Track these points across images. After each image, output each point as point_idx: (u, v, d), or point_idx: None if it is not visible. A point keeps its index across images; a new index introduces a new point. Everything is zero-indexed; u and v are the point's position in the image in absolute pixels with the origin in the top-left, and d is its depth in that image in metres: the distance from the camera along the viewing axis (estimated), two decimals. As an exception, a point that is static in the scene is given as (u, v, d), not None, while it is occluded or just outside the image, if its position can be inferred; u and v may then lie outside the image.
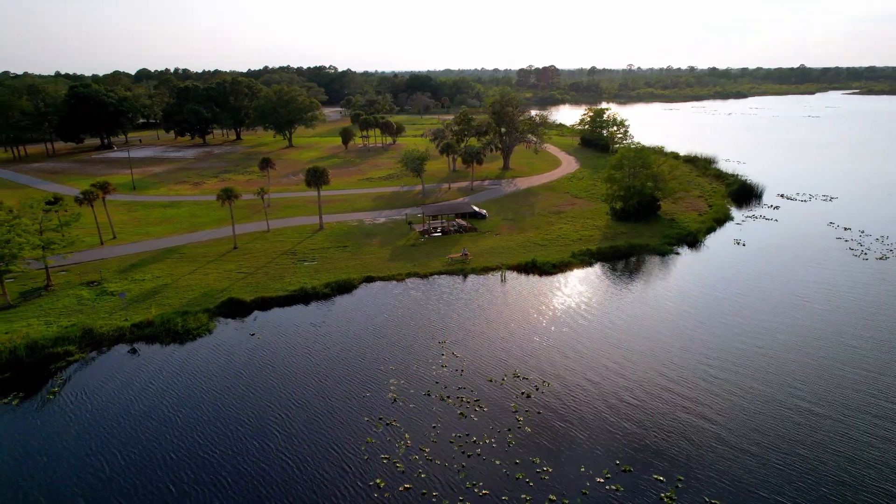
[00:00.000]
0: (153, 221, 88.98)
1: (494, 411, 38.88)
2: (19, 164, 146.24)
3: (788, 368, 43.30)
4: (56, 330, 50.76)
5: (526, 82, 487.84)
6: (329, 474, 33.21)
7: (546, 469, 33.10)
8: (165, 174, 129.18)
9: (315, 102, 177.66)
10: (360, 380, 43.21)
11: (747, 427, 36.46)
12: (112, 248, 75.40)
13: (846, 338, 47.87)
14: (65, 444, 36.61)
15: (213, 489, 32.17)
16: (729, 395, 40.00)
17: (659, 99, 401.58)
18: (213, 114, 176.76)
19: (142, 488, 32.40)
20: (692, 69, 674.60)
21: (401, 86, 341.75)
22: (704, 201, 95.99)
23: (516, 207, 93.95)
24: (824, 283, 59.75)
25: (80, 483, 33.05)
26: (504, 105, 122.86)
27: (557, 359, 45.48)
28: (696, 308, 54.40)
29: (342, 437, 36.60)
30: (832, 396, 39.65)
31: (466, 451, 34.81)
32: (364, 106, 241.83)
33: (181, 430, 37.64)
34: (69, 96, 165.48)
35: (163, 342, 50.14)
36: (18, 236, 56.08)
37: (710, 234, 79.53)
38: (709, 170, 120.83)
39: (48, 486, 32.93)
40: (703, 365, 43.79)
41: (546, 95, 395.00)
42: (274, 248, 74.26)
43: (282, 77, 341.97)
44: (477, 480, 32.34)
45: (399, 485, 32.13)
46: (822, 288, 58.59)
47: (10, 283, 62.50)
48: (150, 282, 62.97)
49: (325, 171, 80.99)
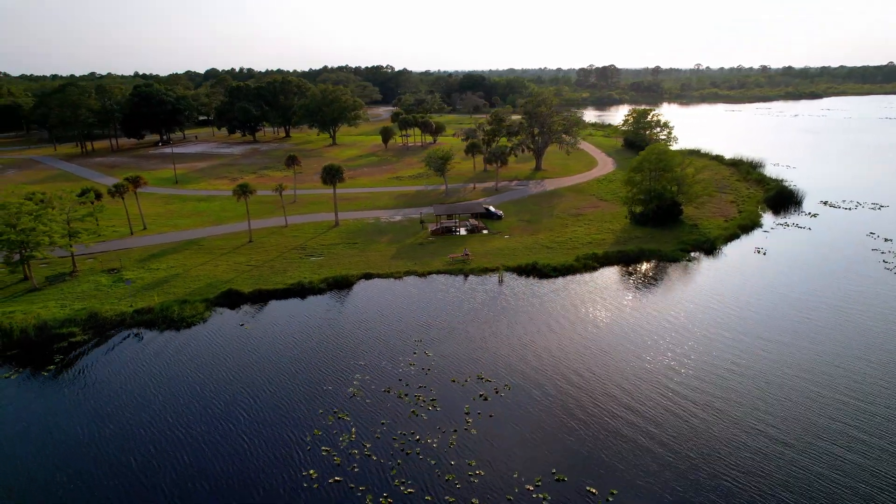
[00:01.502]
0: (185, 214, 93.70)
1: (447, 412, 38.90)
2: (85, 159, 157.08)
3: (754, 392, 40.78)
4: (66, 312, 54.60)
5: (585, 82, 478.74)
6: (268, 460, 34.33)
7: (478, 472, 32.90)
8: (209, 169, 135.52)
9: (359, 102, 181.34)
10: (328, 372, 44.22)
11: (695, 449, 34.83)
12: (139, 239, 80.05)
13: (833, 360, 44.70)
14: (50, 413, 39.50)
15: (167, 459, 33.92)
16: (685, 414, 38.21)
17: (723, 100, 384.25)
18: (262, 112, 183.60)
19: (111, 455, 34.57)
20: (765, 68, 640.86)
21: (454, 85, 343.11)
22: (736, 207, 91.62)
23: (535, 209, 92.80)
24: (836, 297, 55.90)
25: (62, 446, 35.63)
26: (536, 105, 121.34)
27: (524, 364, 44.89)
28: (679, 321, 52.06)
29: (293, 425, 37.68)
30: (796, 426, 37.24)
31: (406, 450, 35.06)
32: (413, 105, 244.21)
33: (157, 409, 39.94)
34: (133, 95, 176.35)
35: (159, 328, 52.97)
36: (43, 226, 60.53)
37: (733, 241, 75.86)
38: (751, 174, 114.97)
39: (35, 450, 35.66)
40: (664, 382, 41.90)
41: (604, 95, 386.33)
42: (287, 243, 76.70)
43: (338, 77, 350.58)
44: (406, 479, 32.56)
45: (330, 477, 32.81)
46: (831, 302, 54.85)
47: (43, 269, 67.60)
48: (164, 271, 66.51)
49: (341, 169, 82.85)
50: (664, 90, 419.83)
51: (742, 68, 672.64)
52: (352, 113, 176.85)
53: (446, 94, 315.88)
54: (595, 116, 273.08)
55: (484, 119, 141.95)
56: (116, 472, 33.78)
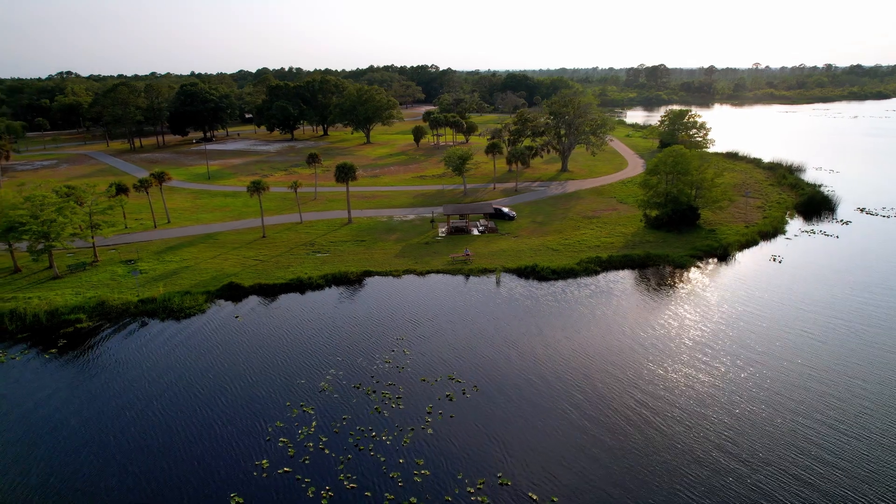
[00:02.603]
0: (209, 209, 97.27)
1: (409, 410, 39.20)
2: (132, 154, 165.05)
3: (717, 414, 39.38)
4: (78, 300, 57.81)
5: (634, 82, 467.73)
6: (229, 447, 35.54)
7: (423, 472, 33.07)
8: (243, 166, 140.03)
9: (393, 101, 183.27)
10: (304, 366, 45.26)
11: (648, 465, 33.85)
12: (162, 232, 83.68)
13: (816, 381, 42.50)
14: (42, 391, 42.05)
15: (136, 439, 35.65)
16: (645, 427, 37.17)
17: (779, 100, 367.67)
18: (300, 111, 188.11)
19: (87, 432, 36.63)
20: (829, 67, 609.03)
21: (497, 85, 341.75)
22: (763, 212, 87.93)
23: (551, 210, 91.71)
24: (846, 313, 52.98)
25: (48, 422, 37.98)
26: (562, 105, 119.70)
27: (499, 366, 44.65)
28: (665, 332, 50.42)
29: (260, 415, 38.84)
30: (758, 450, 35.70)
31: (360, 445, 35.58)
32: (451, 104, 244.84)
33: (141, 391, 42.00)
34: (178, 94, 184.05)
35: (160, 317, 55.40)
36: (64, 217, 64.20)
37: (751, 247, 72.92)
38: (786, 178, 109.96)
39: (30, 424, 38.17)
40: (630, 394, 40.70)
41: (651, 96, 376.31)
42: (297, 239, 78.61)
43: (382, 76, 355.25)
44: (352, 474, 33.06)
45: (280, 468, 33.67)
46: (839, 318, 52.01)
47: (68, 258, 71.65)
48: (176, 263, 69.38)
49: (353, 167, 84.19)
50: (716, 90, 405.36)
51: (804, 67, 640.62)
52: (386, 112, 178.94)
53: (488, 94, 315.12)
54: (643, 117, 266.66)
55: (510, 119, 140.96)
56: (88, 445, 35.67)
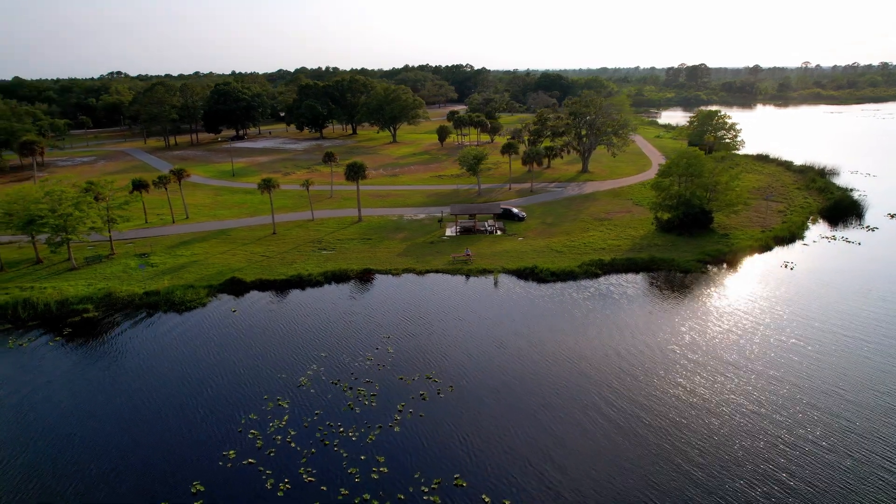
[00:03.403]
0: (228, 205, 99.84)
1: (381, 408, 39.54)
2: (166, 152, 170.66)
3: (684, 422, 38.29)
4: (88, 290, 60.32)
5: (674, 81, 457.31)
6: (203, 436, 36.65)
7: (382, 469, 33.34)
8: (268, 164, 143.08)
9: (419, 101, 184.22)
10: (288, 360, 46.15)
11: (607, 473, 33.29)
12: (179, 227, 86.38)
13: (786, 405, 40.83)
14: (45, 377, 44.14)
15: (120, 422, 37.09)
16: (608, 436, 36.51)
17: (826, 101, 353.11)
18: (328, 110, 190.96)
19: (74, 414, 38.36)
20: (886, 66, 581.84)
21: (531, 84, 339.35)
22: (783, 217, 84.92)
23: (563, 212, 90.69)
24: (847, 322, 50.78)
25: (55, 402, 39.94)
26: (583, 106, 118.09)
27: (479, 367, 44.56)
28: (654, 339, 49.21)
29: (237, 407, 39.87)
30: (721, 464, 34.60)
31: (325, 440, 36.12)
32: (481, 104, 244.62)
33: (131, 378, 43.69)
34: (213, 93, 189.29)
35: (162, 309, 57.29)
36: (80, 212, 67.02)
37: (764, 253, 70.55)
38: (816, 182, 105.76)
39: (24, 408, 40.24)
40: (602, 400, 40.03)
41: (690, 96, 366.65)
42: (307, 236, 79.98)
43: (416, 76, 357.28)
44: (313, 468, 33.61)
45: (245, 459, 34.50)
46: (842, 333, 49.89)
47: (89, 251, 74.69)
48: (186, 258, 71.56)
49: (363, 166, 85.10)
50: (759, 90, 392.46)
51: (857, 66, 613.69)
52: (412, 112, 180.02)
53: (521, 94, 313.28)
54: (679, 118, 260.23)
55: (531, 118, 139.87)
56: (74, 429, 37.29)
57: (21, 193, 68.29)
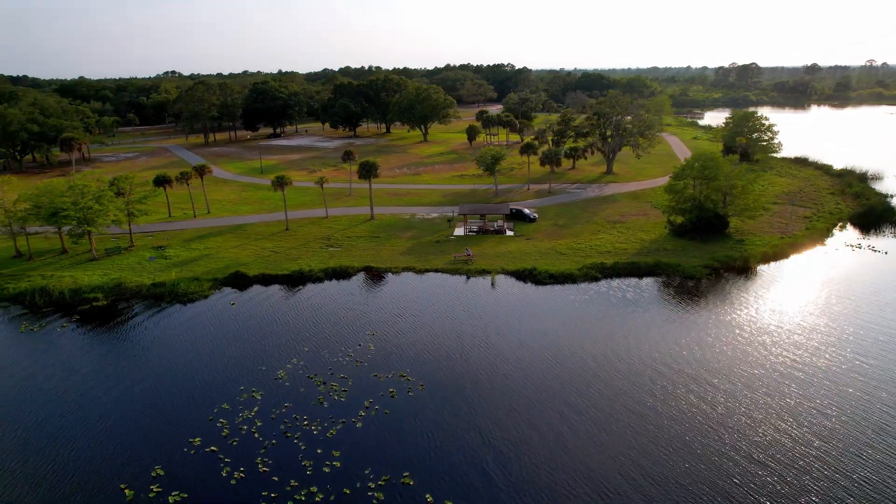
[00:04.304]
0: (250, 202, 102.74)
1: (349, 403, 40.17)
2: (204, 148, 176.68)
3: (638, 432, 37.22)
4: (101, 280, 63.36)
5: (723, 81, 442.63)
6: (175, 422, 38.13)
7: (335, 464, 33.94)
8: (299, 161, 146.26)
9: (450, 101, 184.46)
10: (271, 353, 47.38)
11: (551, 482, 32.86)
12: (200, 221, 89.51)
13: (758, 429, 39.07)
14: (49, 359, 46.82)
15: (102, 406, 39.07)
16: (567, 444, 35.97)
17: (889, 101, 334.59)
18: (361, 108, 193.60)
19: (68, 394, 40.62)
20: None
21: (571, 84, 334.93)
22: (809, 222, 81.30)
23: (577, 213, 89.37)
24: (845, 337, 48.34)
25: (45, 388, 42.48)
26: (609, 106, 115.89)
27: (453, 367, 44.67)
28: (635, 348, 48.04)
29: (213, 396, 41.29)
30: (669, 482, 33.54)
31: (288, 432, 37.00)
32: (517, 104, 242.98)
33: (125, 364, 45.78)
34: (251, 91, 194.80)
35: (166, 300, 59.63)
36: (100, 206, 70.41)
37: (778, 260, 67.79)
38: (853, 187, 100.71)
39: (34, 384, 42.96)
40: (565, 406, 39.44)
41: (738, 96, 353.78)
42: (318, 233, 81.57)
43: (455, 75, 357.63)
44: (270, 458, 34.51)
45: (208, 446, 35.73)
46: (848, 349, 47.56)
47: (111, 243, 78.32)
48: (199, 251, 74.18)
49: (376, 164, 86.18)
50: (814, 90, 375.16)
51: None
52: (442, 111, 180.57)
53: (561, 93, 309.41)
54: (726, 119, 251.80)
55: (555, 118, 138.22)
56: (61, 411, 39.43)
57: (48, 187, 72.24)
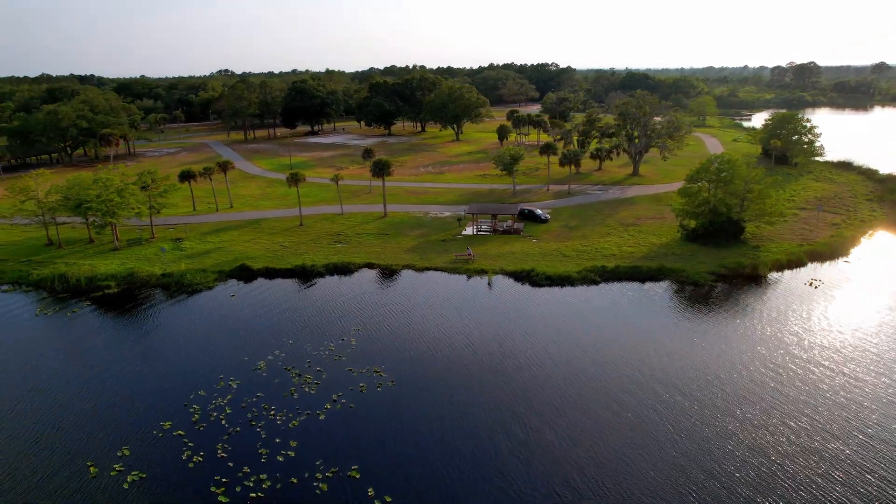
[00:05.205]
0: (273, 197, 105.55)
1: (318, 396, 41.08)
2: (242, 145, 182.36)
3: (598, 441, 36.34)
4: (116, 269, 66.62)
5: (779, 81, 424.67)
6: (148, 407, 39.92)
7: (289, 453, 34.86)
8: (328, 158, 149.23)
9: (483, 100, 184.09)
10: (256, 344, 48.88)
11: (500, 486, 32.71)
12: (221, 215, 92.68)
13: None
14: (56, 342, 49.80)
15: (89, 387, 41.42)
16: (520, 449, 35.66)
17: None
18: (396, 107, 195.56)
19: (60, 374, 43.21)
20: None
21: (615, 83, 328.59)
22: (835, 229, 77.45)
23: (591, 215, 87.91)
24: (847, 355, 45.95)
25: (45, 370, 45.35)
26: (635, 107, 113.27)
27: (428, 365, 45.01)
28: (610, 353, 47.14)
29: (192, 383, 42.98)
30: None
31: (253, 421, 38.20)
32: (555, 103, 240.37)
33: (125, 350, 48.19)
34: (290, 90, 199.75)
35: (172, 290, 62.22)
36: (122, 198, 74.00)
37: (793, 268, 64.93)
38: (894, 193, 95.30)
39: (27, 371, 45.90)
40: (525, 409, 39.20)
41: (793, 97, 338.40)
42: (329, 229, 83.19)
43: (497, 74, 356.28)
44: (230, 445, 35.76)
45: (176, 430, 37.27)
46: (827, 362, 45.29)
47: (136, 234, 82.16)
48: (213, 244, 76.91)
49: (389, 162, 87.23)
50: (878, 91, 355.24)
51: None
52: (475, 111, 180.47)
53: (604, 93, 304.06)
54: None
55: (581, 118, 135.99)
56: (55, 395, 41.93)
57: (77, 180, 76.36)
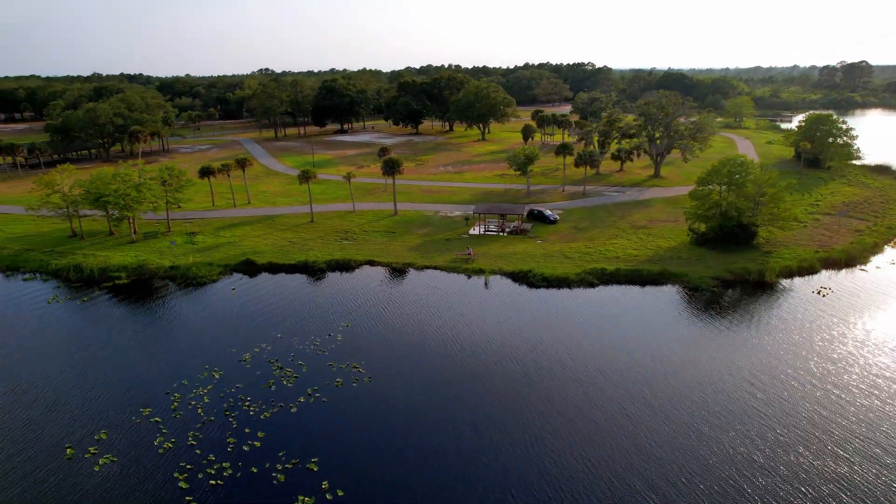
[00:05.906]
0: (290, 194, 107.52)
1: (294, 389, 41.90)
2: (271, 142, 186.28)
3: (565, 448, 35.74)
4: (128, 261, 69.19)
5: (828, 81, 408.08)
6: (133, 394, 41.43)
7: (255, 444, 35.73)
8: (352, 156, 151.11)
9: (509, 99, 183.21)
10: (245, 337, 50.09)
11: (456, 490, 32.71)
12: (238, 210, 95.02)
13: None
14: (63, 329, 52.22)
15: (84, 373, 43.33)
16: (480, 453, 35.52)
17: None
18: (423, 106, 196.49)
19: (60, 356, 45.38)
20: None
21: (652, 84, 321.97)
22: (857, 235, 74.30)
23: (603, 217, 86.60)
24: (844, 373, 44.10)
25: (48, 351, 47.71)
26: (657, 108, 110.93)
27: (407, 361, 45.36)
28: (588, 359, 46.35)
29: (178, 372, 44.45)
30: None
31: (228, 410, 39.27)
32: (585, 104, 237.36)
33: (119, 338, 50.24)
34: (320, 88, 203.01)
35: (177, 282, 64.25)
36: (137, 193, 76.78)
37: (804, 275, 62.62)
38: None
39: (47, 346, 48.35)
40: (495, 410, 38.93)
41: (841, 98, 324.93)
42: (339, 226, 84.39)
43: (531, 74, 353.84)
44: (201, 434, 36.86)
45: (154, 417, 38.62)
46: (834, 377, 43.53)
47: (156, 227, 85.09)
48: (224, 239, 79.00)
49: (400, 161, 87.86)
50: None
51: None
52: (500, 111, 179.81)
53: (640, 93, 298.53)
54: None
55: (628, 118, 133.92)
56: (51, 380, 44.00)
57: (99, 175, 79.50)
